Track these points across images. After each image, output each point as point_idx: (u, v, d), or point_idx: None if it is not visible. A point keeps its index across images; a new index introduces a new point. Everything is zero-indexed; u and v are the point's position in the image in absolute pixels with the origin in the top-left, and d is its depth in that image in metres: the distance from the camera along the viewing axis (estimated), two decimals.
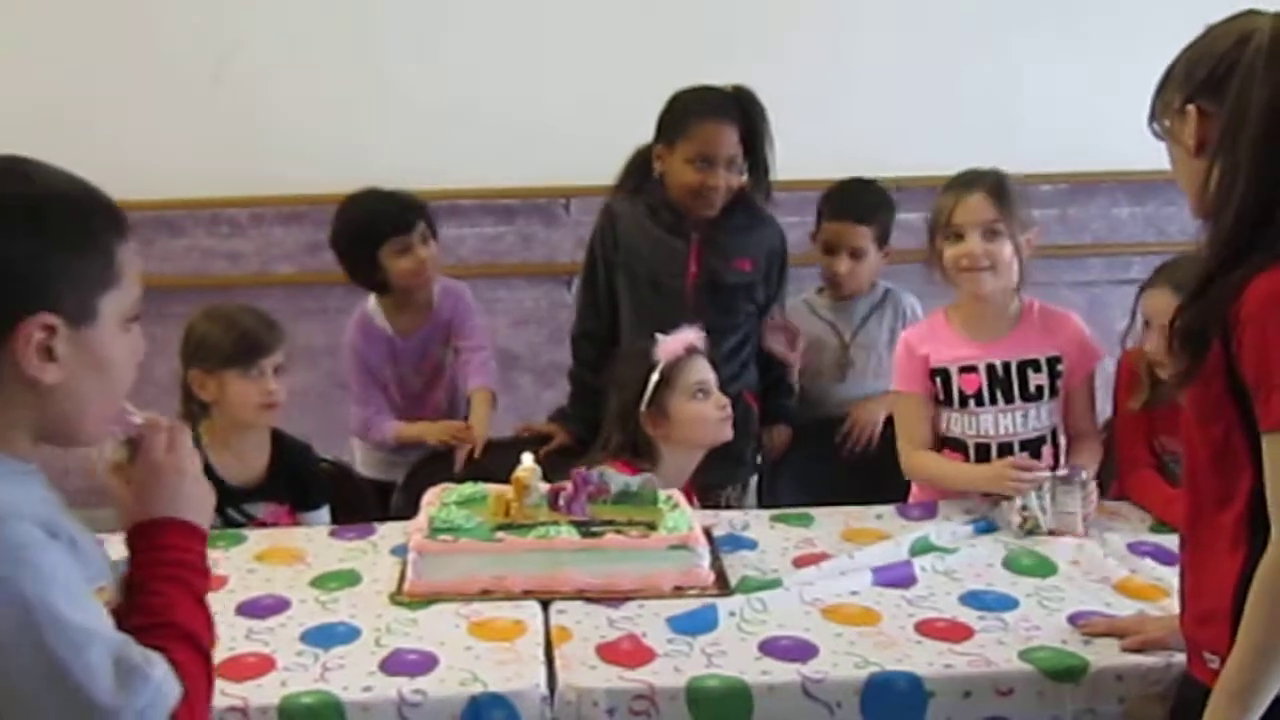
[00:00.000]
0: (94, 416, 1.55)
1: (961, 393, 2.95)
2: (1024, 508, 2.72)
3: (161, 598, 1.54)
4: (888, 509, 2.94)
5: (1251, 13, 1.86)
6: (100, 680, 1.37)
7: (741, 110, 3.32)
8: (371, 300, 3.63)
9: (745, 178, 3.36)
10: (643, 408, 2.94)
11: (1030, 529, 2.71)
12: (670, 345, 2.96)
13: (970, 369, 2.96)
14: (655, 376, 2.94)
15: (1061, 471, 2.76)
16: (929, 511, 2.92)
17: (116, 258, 1.53)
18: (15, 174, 1.51)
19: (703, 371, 2.99)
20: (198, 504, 1.67)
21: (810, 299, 3.75)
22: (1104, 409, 3.19)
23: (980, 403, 2.95)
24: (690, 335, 3.00)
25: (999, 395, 2.94)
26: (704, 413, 2.97)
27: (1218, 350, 1.81)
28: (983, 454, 2.94)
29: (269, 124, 4.38)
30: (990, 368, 2.95)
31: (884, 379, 3.49)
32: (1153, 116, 1.95)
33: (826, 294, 3.75)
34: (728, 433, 3.02)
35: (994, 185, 2.95)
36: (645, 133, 3.46)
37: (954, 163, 4.82)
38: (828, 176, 4.84)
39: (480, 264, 4.63)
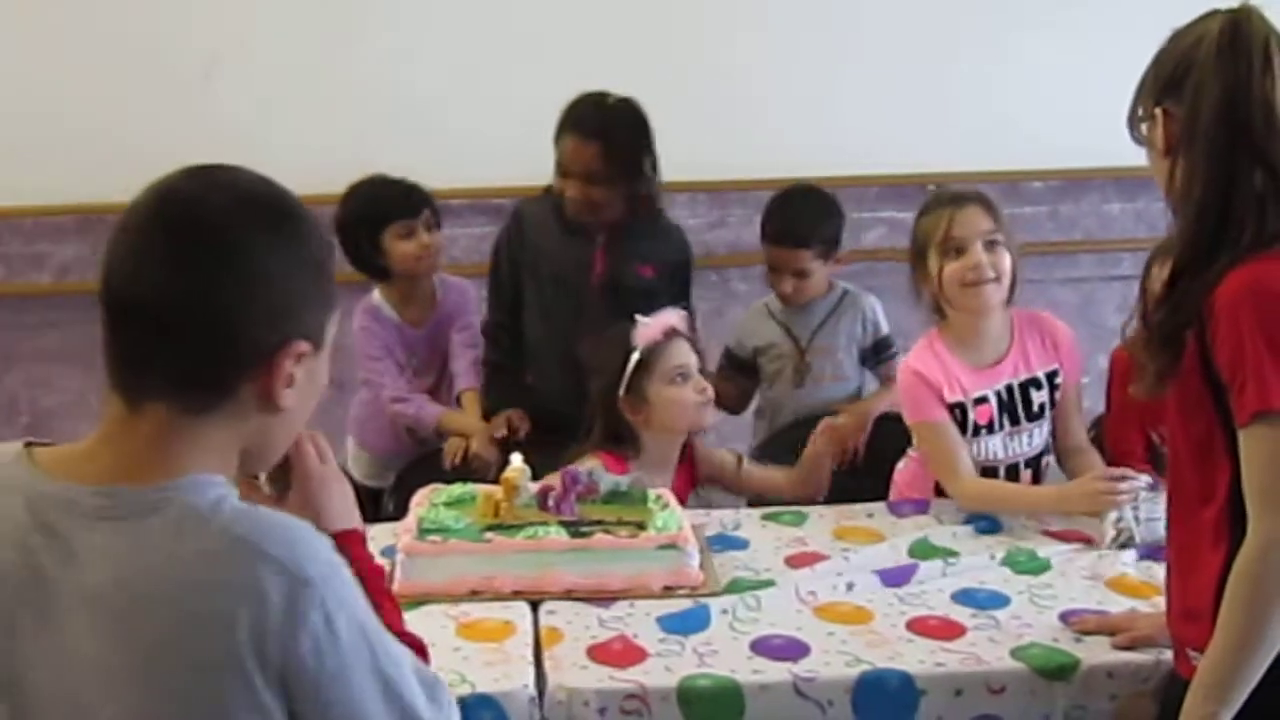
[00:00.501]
0: (287, 441, 1.52)
1: (975, 424, 2.91)
2: (1119, 520, 2.63)
3: (383, 613, 1.45)
4: (878, 506, 2.93)
5: (1213, 13, 1.87)
6: (419, 697, 1.38)
7: (606, 126, 3.39)
8: (376, 293, 3.65)
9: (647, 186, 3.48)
10: (621, 393, 2.93)
11: (1124, 542, 2.62)
12: (647, 330, 2.95)
13: (982, 400, 2.91)
14: (633, 362, 2.93)
15: (1146, 480, 2.65)
16: (920, 508, 2.91)
17: (333, 276, 1.50)
18: (267, 186, 1.47)
19: (681, 356, 2.96)
20: (354, 506, 1.66)
21: (770, 302, 3.70)
22: (1095, 406, 3.19)
23: (990, 430, 2.92)
24: (671, 318, 3.00)
25: (1006, 420, 2.92)
26: (682, 397, 2.94)
27: (1193, 346, 1.82)
28: (990, 476, 2.92)
29: (261, 124, 4.36)
30: (998, 394, 2.91)
31: (842, 383, 3.57)
32: (1131, 124, 1.97)
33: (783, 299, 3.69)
34: (708, 418, 3.02)
35: (983, 198, 2.96)
36: None
37: (945, 160, 4.85)
38: (819, 175, 4.85)
39: (472, 264, 4.61)
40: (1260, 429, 1.76)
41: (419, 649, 1.53)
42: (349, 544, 1.53)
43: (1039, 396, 2.93)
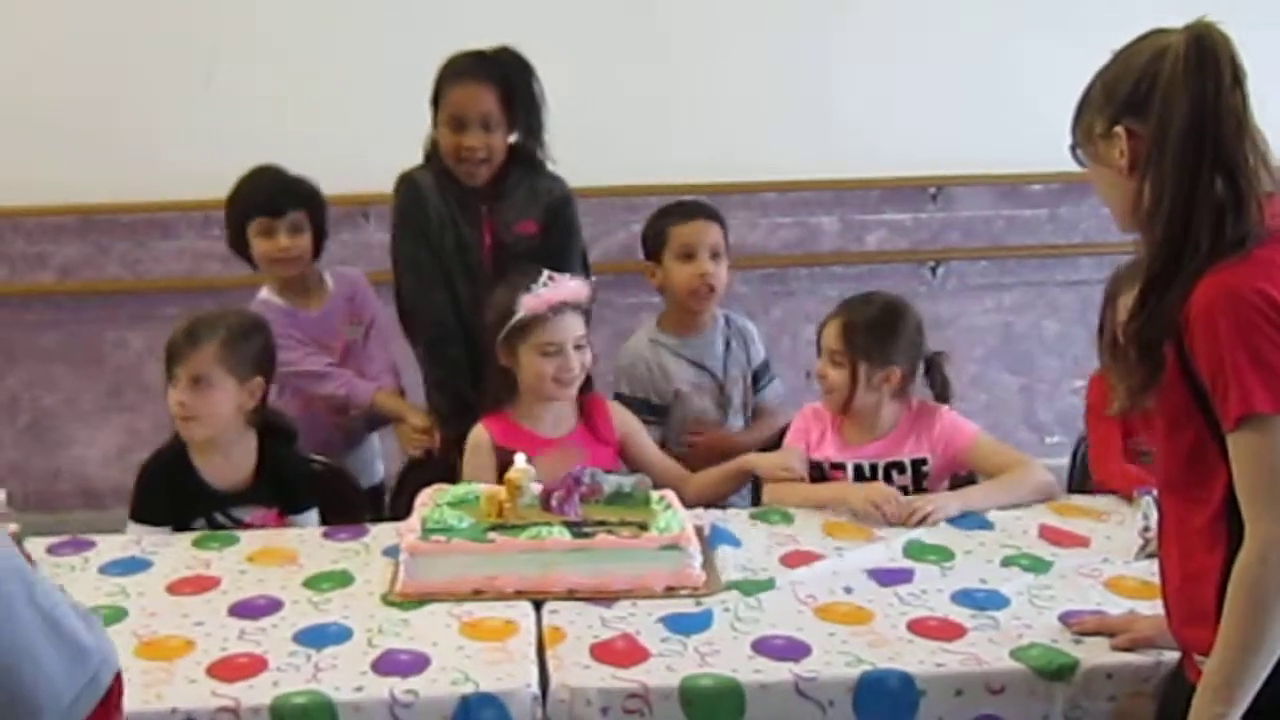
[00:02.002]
0: None
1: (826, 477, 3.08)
2: (1146, 529, 2.60)
3: None
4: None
5: (1160, 31, 1.89)
6: (74, 620, 1.65)
7: (499, 70, 3.29)
8: (265, 287, 3.60)
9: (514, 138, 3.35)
10: (498, 342, 3.00)
11: (1151, 553, 2.48)
12: (534, 300, 2.97)
13: (839, 466, 3.07)
14: (511, 322, 2.97)
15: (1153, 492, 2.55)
16: None
17: None
18: None
19: (556, 333, 2.98)
20: None
21: (659, 338, 3.42)
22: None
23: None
24: (563, 292, 3.00)
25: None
26: (543, 370, 2.99)
27: (1173, 357, 1.84)
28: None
29: (261, 126, 4.38)
30: (858, 466, 3.05)
31: (743, 411, 3.48)
32: (1074, 145, 1.99)
33: (671, 332, 3.43)
34: (563, 395, 3.05)
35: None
36: (637, 130, 3.48)
37: (946, 161, 4.87)
38: (820, 177, 4.88)
39: None
40: (1246, 433, 1.77)
41: None
42: None
43: (899, 479, 3.04)
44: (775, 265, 4.99)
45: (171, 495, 2.94)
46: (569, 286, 3.02)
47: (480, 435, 3.03)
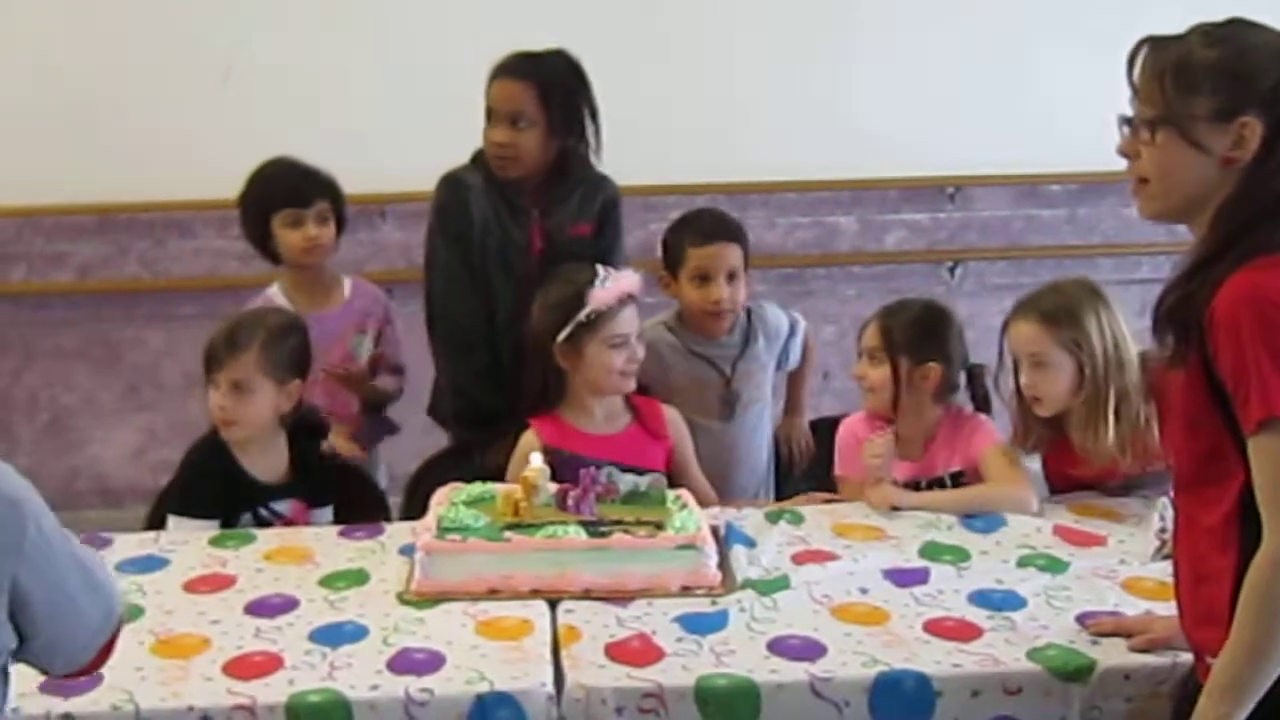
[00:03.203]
0: None
1: None
2: (1163, 530, 2.59)
3: None
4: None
5: (1258, 25, 1.86)
6: (102, 570, 1.78)
7: (541, 70, 3.28)
8: (274, 285, 3.62)
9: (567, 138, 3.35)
10: (559, 340, 2.97)
11: (1167, 554, 2.42)
12: (604, 293, 2.97)
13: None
14: (581, 316, 2.96)
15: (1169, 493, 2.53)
16: None
17: None
18: None
19: (626, 325, 3.00)
20: None
21: (677, 331, 3.38)
22: None
23: None
24: (628, 283, 3.02)
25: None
26: (613, 363, 2.99)
27: (1196, 359, 1.83)
28: None
29: (278, 126, 4.38)
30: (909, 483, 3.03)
31: (760, 404, 3.42)
32: (1156, 119, 1.89)
33: (690, 327, 3.38)
34: (629, 386, 3.05)
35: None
36: (655, 130, 3.47)
37: (963, 163, 4.86)
38: (839, 177, 4.87)
39: None
40: (1267, 437, 1.77)
41: None
42: None
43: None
44: (793, 265, 4.98)
45: (218, 488, 2.95)
46: (630, 279, 3.04)
47: (529, 437, 2.99)
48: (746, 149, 4.76)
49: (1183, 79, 1.87)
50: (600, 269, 3.03)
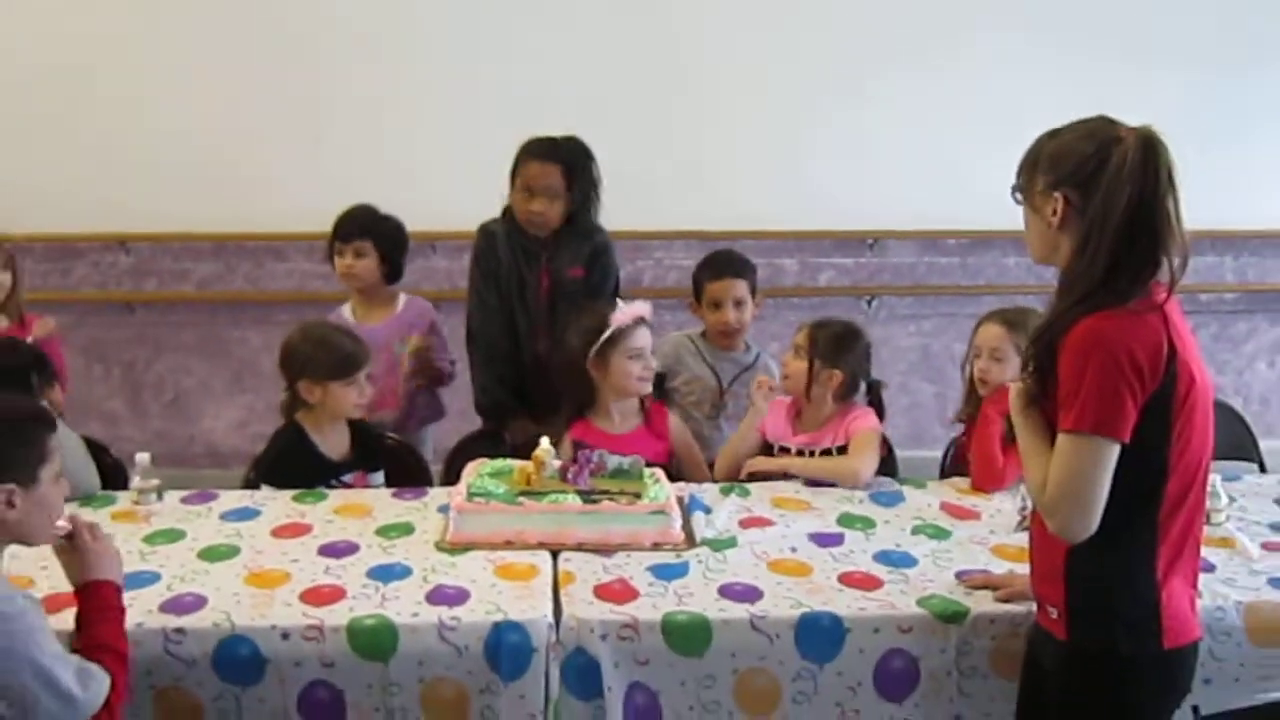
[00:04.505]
0: (43, 526, 1.94)
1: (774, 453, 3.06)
2: (1023, 508, 2.59)
3: (102, 630, 1.92)
4: (801, 485, 2.90)
5: (1106, 119, 1.86)
6: (69, 678, 1.79)
7: (566, 154, 3.29)
8: (347, 302, 3.63)
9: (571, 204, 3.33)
10: (591, 354, 2.97)
11: (1026, 526, 2.43)
12: (622, 315, 2.99)
13: (785, 449, 3.03)
14: (606, 335, 2.97)
15: None
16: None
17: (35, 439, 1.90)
18: None
19: (641, 340, 3.00)
20: (117, 567, 2.02)
21: (695, 339, 3.43)
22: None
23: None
24: (641, 309, 3.02)
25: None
26: (632, 370, 2.99)
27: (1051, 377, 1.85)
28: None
29: (356, 175, 4.37)
30: (800, 451, 3.02)
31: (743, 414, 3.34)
32: (1015, 188, 1.94)
33: (709, 340, 3.42)
34: (645, 389, 3.04)
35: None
36: (642, 188, 3.46)
37: (881, 219, 4.86)
38: (782, 228, 4.87)
39: None
40: (1063, 439, 1.81)
41: (119, 655, 1.91)
42: (103, 589, 1.96)
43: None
44: None
45: (299, 467, 2.91)
46: (642, 307, 3.04)
47: (567, 435, 3.00)
48: (713, 204, 4.77)
49: (1031, 161, 1.92)
50: (620, 301, 3.06)
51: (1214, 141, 4.48)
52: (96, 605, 1.95)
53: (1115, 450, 1.78)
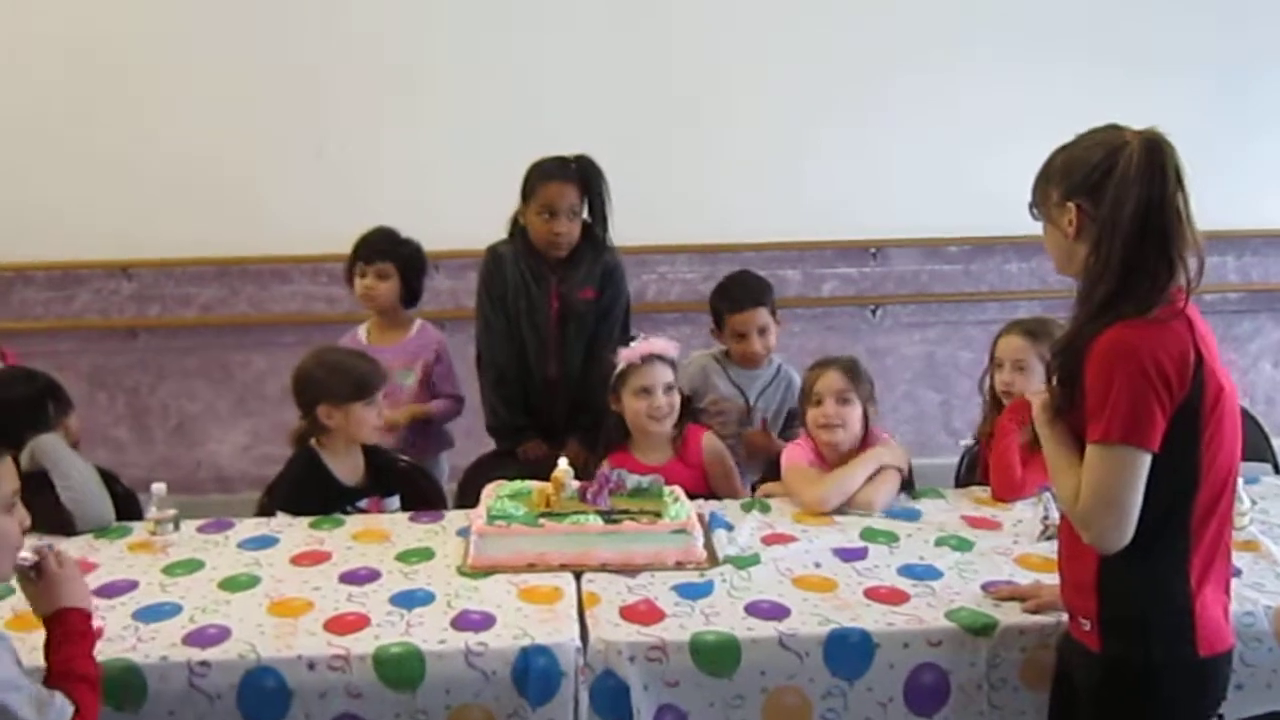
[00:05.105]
0: (6, 559, 1.88)
1: None
2: (1046, 517, 2.56)
3: (71, 656, 1.89)
4: None
5: (1115, 127, 1.86)
6: (27, 709, 1.76)
7: (581, 173, 3.28)
8: (364, 325, 3.64)
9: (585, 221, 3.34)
10: (610, 390, 2.99)
11: (1050, 536, 2.47)
12: (629, 352, 2.98)
13: None
14: (615, 372, 2.99)
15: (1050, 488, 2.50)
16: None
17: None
18: None
19: (646, 379, 2.97)
20: (83, 594, 1.98)
21: (719, 359, 3.41)
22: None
23: None
24: (653, 346, 3.00)
25: None
26: (638, 408, 2.97)
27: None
28: None
29: (358, 198, 4.36)
30: None
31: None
32: (1032, 204, 1.96)
33: (734, 360, 3.39)
34: (657, 429, 3.00)
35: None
36: (648, 200, 3.47)
37: (884, 228, 4.86)
38: (785, 240, 4.87)
39: None
40: (1092, 450, 1.81)
41: (90, 681, 1.88)
42: (72, 615, 1.92)
43: None
44: None
45: (315, 493, 2.89)
46: (657, 343, 3.01)
47: (605, 465, 2.94)
48: (716, 217, 4.77)
49: (1045, 175, 1.93)
50: (639, 335, 3.04)
51: (1216, 144, 4.50)
52: (65, 633, 1.91)
53: (1146, 460, 1.78)
